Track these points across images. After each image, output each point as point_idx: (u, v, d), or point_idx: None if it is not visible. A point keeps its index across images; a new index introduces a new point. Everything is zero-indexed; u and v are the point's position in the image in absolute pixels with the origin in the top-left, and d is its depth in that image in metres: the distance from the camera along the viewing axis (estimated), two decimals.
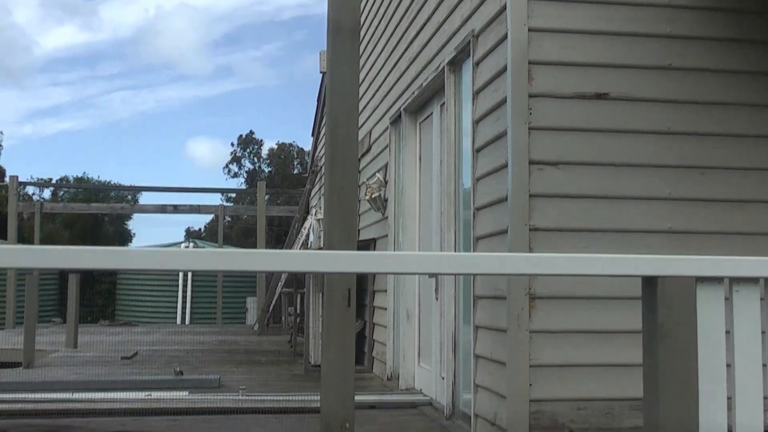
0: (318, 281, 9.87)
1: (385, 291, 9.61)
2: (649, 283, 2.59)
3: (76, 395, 7.94)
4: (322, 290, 5.45)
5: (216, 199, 36.64)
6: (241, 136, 55.77)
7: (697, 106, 5.59)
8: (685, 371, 2.54)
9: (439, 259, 2.90)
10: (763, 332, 2.67)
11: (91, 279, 26.52)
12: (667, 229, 5.38)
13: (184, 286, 24.08)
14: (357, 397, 5.57)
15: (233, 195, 40.74)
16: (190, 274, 24.03)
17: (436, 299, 7.46)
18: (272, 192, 29.43)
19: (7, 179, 22.48)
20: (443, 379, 7.16)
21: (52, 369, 11.28)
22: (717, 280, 2.61)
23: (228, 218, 30.63)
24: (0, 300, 21.72)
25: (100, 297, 27.99)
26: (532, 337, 5.27)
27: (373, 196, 9.85)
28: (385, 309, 9.63)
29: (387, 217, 9.64)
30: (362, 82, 11.00)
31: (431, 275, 7.63)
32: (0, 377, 9.95)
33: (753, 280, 2.63)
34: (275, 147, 53.85)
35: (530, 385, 5.28)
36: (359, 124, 6.66)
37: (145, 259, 2.66)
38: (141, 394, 7.93)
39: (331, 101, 5.45)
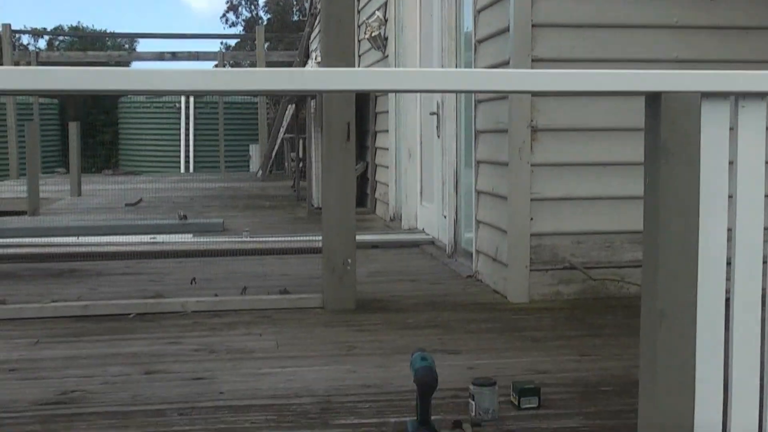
0: (318, 120, 9.80)
1: (387, 131, 9.56)
2: (653, 99, 2.51)
3: (82, 239, 8.00)
4: (321, 127, 5.40)
5: (215, 46, 36.11)
6: None
7: None
8: (686, 191, 2.49)
9: (437, 76, 2.81)
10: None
11: (92, 128, 26.43)
12: (674, 58, 5.27)
13: (187, 134, 24.03)
14: (359, 237, 5.60)
15: (232, 43, 40.25)
16: (192, 122, 23.95)
17: (438, 137, 7.42)
18: (271, 37, 28.98)
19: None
20: (445, 217, 7.19)
21: (56, 216, 11.34)
22: (722, 95, 2.53)
23: (228, 66, 30.28)
24: (2, 150, 21.74)
25: (102, 147, 27.92)
26: (533, 171, 5.26)
27: (372, 34, 9.71)
28: (387, 149, 9.61)
29: (387, 56, 9.51)
30: None
31: (432, 113, 7.59)
32: (6, 224, 10.03)
33: (759, 95, 2.55)
34: None
35: (531, 219, 5.31)
36: None
37: (141, 78, 2.57)
38: (146, 238, 7.98)
39: None
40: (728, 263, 2.57)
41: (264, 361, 4.15)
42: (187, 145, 24.00)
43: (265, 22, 36.96)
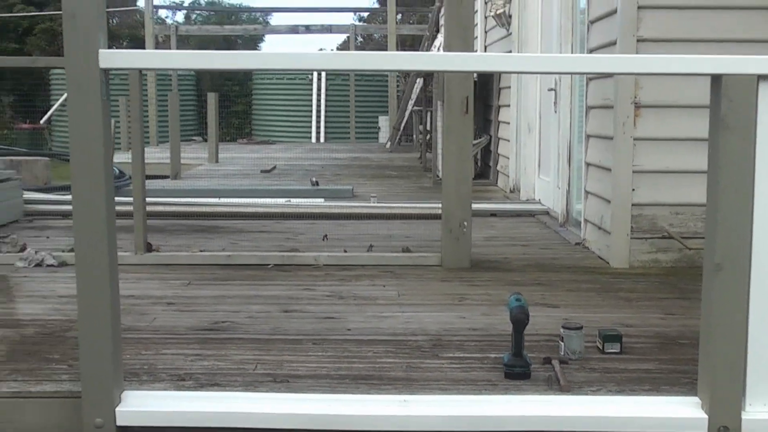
0: (440, 94, 10.28)
1: (509, 105, 9.99)
2: (715, 80, 2.97)
3: (222, 201, 8.70)
4: (443, 100, 5.90)
5: (347, 20, 36.73)
6: None
7: None
8: (742, 161, 2.95)
9: (541, 60, 3.29)
10: None
11: (227, 99, 27.33)
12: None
13: (318, 105, 24.67)
14: (479, 206, 6.06)
15: (364, 15, 40.78)
16: (323, 93, 24.58)
17: (555, 112, 7.83)
18: (404, 11, 29.37)
19: (141, 3, 23.11)
20: (559, 188, 7.62)
21: (197, 180, 12.13)
22: None
23: (360, 38, 30.84)
24: (144, 119, 22.67)
25: (236, 117, 28.86)
26: (635, 144, 5.64)
27: (497, 12, 10.05)
28: (509, 123, 10.03)
29: (511, 33, 9.88)
30: None
31: (549, 89, 7.99)
32: (151, 186, 10.83)
33: None
34: None
35: (633, 189, 5.69)
36: None
37: (281, 59, 3.17)
38: (281, 201, 8.63)
39: None
40: None
41: (386, 306, 4.73)
42: (318, 116, 24.64)
43: None
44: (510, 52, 9.74)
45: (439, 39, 17.49)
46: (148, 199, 6.12)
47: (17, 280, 5.51)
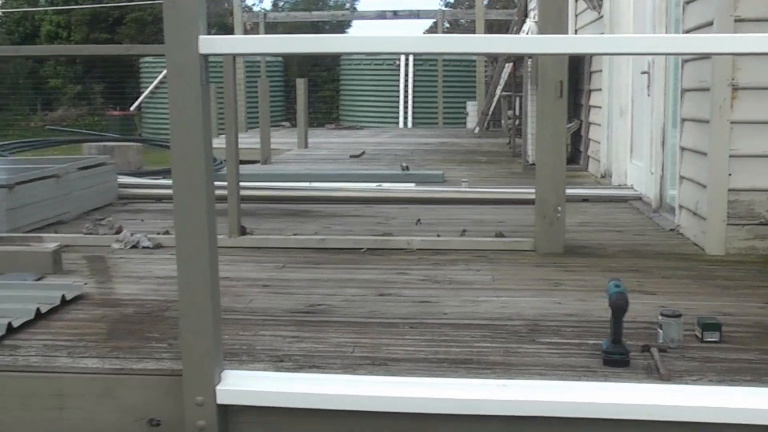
0: (534, 78, 10.22)
1: (600, 90, 9.88)
2: None
3: (313, 185, 8.76)
4: (536, 83, 5.86)
5: (434, 4, 36.67)
6: None
7: None
8: None
9: (644, 41, 3.24)
10: None
11: (314, 85, 27.53)
12: None
13: (405, 90, 24.72)
14: (571, 191, 6.01)
15: (450, 0, 40.76)
16: (411, 77, 24.61)
17: (648, 95, 7.72)
18: None
19: None
20: (652, 173, 7.51)
21: (287, 165, 12.25)
22: None
23: (447, 24, 30.78)
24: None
25: (323, 103, 29.07)
26: (732, 128, 5.52)
27: None
28: (600, 108, 9.92)
29: (602, 16, 9.77)
30: None
31: (643, 72, 7.88)
32: (242, 170, 10.94)
33: None
34: None
35: (729, 174, 5.56)
36: None
37: (367, 43, 3.17)
38: (372, 185, 8.66)
39: None
40: None
41: (481, 291, 4.72)
42: (405, 101, 24.69)
43: None
44: (602, 33, 9.62)
45: (528, 23, 17.35)
46: (240, 184, 6.19)
47: (114, 261, 5.64)
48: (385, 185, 8.69)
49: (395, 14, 24.13)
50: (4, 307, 4.21)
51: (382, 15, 24.32)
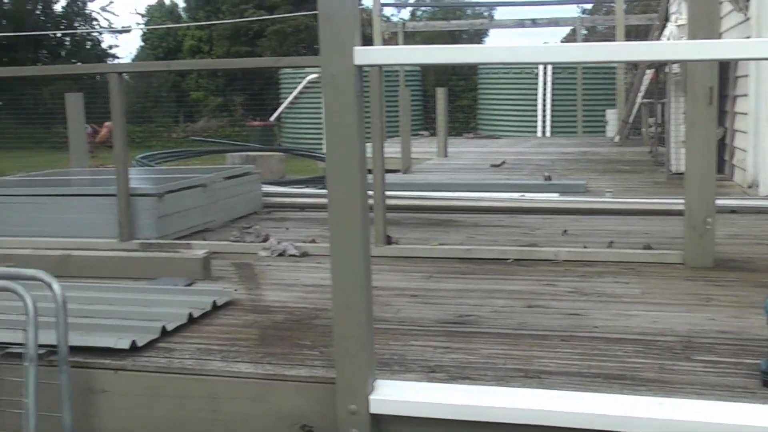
0: (683, 85, 9.99)
1: (746, 95, 9.59)
2: None
3: (455, 194, 8.77)
4: (685, 90, 5.73)
5: (572, 12, 36.34)
6: None
7: None
8: None
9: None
10: None
11: (452, 94, 27.58)
12: None
13: (544, 99, 24.55)
14: (717, 202, 5.85)
15: (588, 7, 40.34)
16: (549, 85, 24.44)
17: None
18: (628, 1, 28.83)
19: (366, 2, 23.70)
20: None
21: (427, 174, 12.29)
22: None
23: (584, 31, 30.46)
24: (368, 114, 23.20)
25: (461, 112, 29.12)
26: None
27: None
28: (746, 114, 9.63)
29: (749, 18, 9.49)
30: None
31: None
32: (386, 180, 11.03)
33: None
34: None
35: None
36: None
37: (502, 53, 3.15)
38: (514, 195, 8.62)
39: None
40: None
41: (631, 304, 4.64)
42: (543, 109, 24.53)
43: None
44: (748, 38, 9.36)
45: (669, 28, 17.01)
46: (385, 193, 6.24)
47: (261, 268, 5.76)
48: (528, 195, 8.64)
49: (534, 22, 24.03)
50: (157, 311, 4.35)
51: (520, 23, 24.28)
